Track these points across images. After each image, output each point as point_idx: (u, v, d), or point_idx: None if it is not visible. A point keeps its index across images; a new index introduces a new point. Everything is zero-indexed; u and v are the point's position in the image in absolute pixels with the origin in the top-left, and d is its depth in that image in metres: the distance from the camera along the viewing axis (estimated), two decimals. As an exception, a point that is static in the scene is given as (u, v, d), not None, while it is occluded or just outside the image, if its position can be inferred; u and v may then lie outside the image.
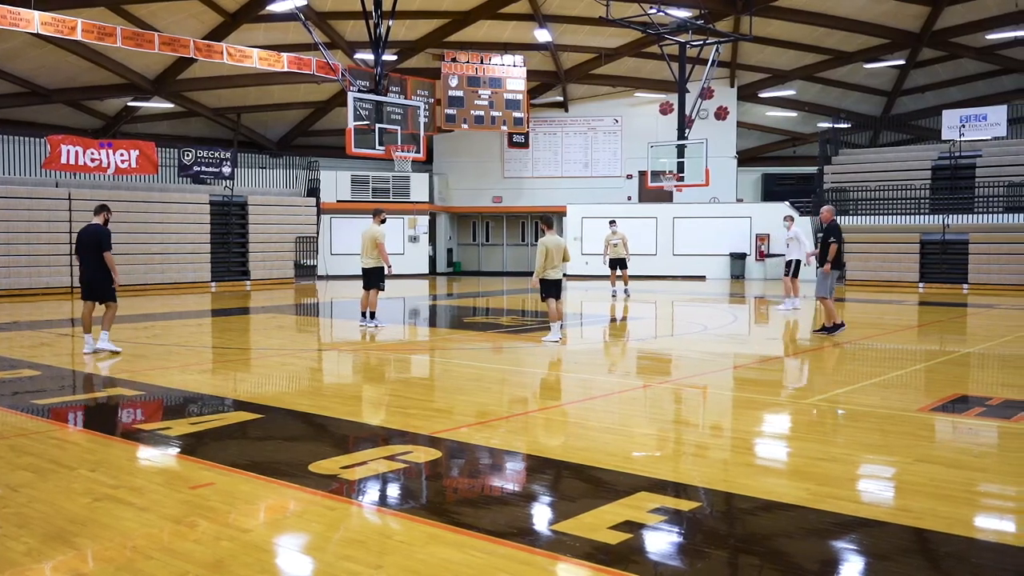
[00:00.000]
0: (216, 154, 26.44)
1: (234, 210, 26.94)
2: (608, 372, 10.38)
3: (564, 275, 12.60)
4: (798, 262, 17.68)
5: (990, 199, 25.77)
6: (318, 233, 29.45)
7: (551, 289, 12.27)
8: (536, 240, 18.34)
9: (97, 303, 11.23)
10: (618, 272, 20.77)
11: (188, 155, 25.71)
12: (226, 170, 26.37)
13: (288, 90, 31.42)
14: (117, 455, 6.09)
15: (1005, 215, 25.07)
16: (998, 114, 27.90)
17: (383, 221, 14.19)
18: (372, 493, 5.21)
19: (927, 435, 6.86)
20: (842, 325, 12.97)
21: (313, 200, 29.69)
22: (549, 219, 12.58)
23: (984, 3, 27.98)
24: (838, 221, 13.77)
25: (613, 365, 11.10)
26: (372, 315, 14.20)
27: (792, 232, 17.70)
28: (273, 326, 15.87)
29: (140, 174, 24.38)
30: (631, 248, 21.11)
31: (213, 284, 25.57)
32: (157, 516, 4.65)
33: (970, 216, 25.37)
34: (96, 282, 11.06)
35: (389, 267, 14.01)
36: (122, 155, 23.60)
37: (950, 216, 25.44)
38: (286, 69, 23.87)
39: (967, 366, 10.59)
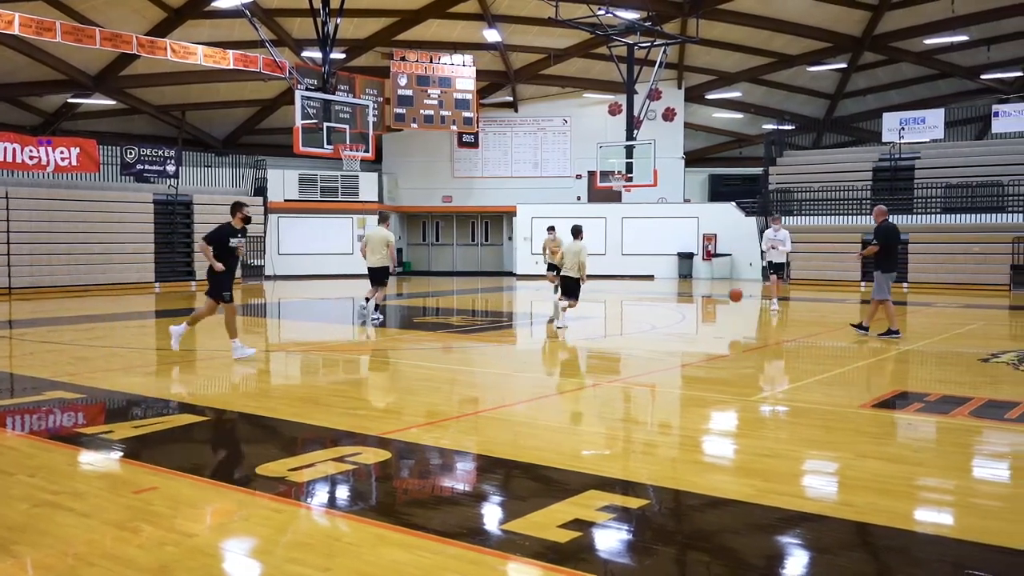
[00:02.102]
0: (160, 152, 25.96)
1: (179, 209, 26.47)
2: (558, 372, 10.42)
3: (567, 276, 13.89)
4: (782, 264, 17.54)
5: (928, 200, 26.45)
6: (265, 233, 29.08)
7: (566, 286, 13.82)
8: (482, 240, 18.22)
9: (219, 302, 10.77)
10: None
11: (131, 153, 25.21)
12: (170, 169, 25.91)
13: (234, 88, 30.98)
14: (57, 460, 5.95)
15: (942, 216, 25.74)
16: (936, 117, 28.67)
17: (388, 223, 15.41)
18: (320, 495, 5.17)
19: (869, 431, 7.01)
20: (896, 332, 12.37)
21: (260, 199, 29.30)
22: (577, 227, 14.26)
23: (922, 9, 28.71)
24: (892, 223, 13.07)
25: (563, 365, 11.14)
26: (376, 307, 15.21)
27: (782, 234, 17.37)
28: (219, 327, 15.60)
29: (81, 172, 23.85)
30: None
31: (157, 285, 25.10)
32: (99, 522, 4.55)
33: (909, 217, 25.99)
34: (208, 279, 10.74)
35: (395, 266, 15.33)
36: (62, 153, 23.05)
37: (891, 217, 25.96)
38: (232, 67, 23.54)
39: (907, 363, 10.85)
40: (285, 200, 30.44)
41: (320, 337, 14.43)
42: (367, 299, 15.21)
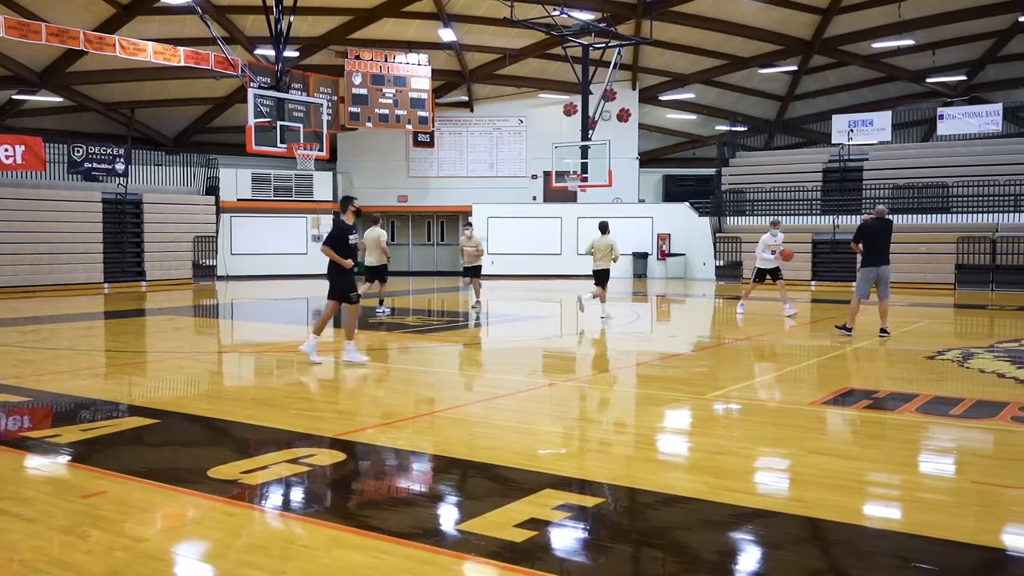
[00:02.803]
0: (109, 150, 25.46)
1: (128, 208, 26.01)
2: (514, 371, 10.44)
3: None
4: (778, 268, 16.65)
5: (876, 201, 26.95)
6: (217, 232, 28.70)
7: (598, 277, 15.70)
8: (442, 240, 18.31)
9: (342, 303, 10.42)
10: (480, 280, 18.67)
11: (79, 151, 24.69)
12: (119, 167, 25.43)
13: (185, 85, 30.49)
14: (2, 465, 5.82)
15: (890, 216, 26.22)
16: (883, 120, 29.24)
17: (381, 224, 16.78)
18: (274, 497, 5.12)
19: (818, 427, 7.14)
20: (848, 329, 12.82)
21: (212, 199, 28.90)
22: (603, 224, 16.19)
23: (870, 13, 29.26)
24: (884, 220, 13.28)
25: (519, 364, 11.16)
26: (381, 301, 16.44)
27: (780, 239, 16.63)
28: (170, 328, 15.41)
29: (26, 170, 23.30)
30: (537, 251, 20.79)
31: (106, 285, 24.63)
32: (46, 527, 4.47)
33: (858, 217, 26.44)
34: (331, 280, 10.38)
35: (388, 259, 16.70)
36: (6, 150, 22.48)
37: (840, 217, 26.50)
38: (183, 64, 23.15)
39: (856, 360, 11.06)
40: (238, 199, 30.06)
41: (274, 338, 14.28)
42: (380, 302, 16.59)
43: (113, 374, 9.88)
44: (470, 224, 18.62)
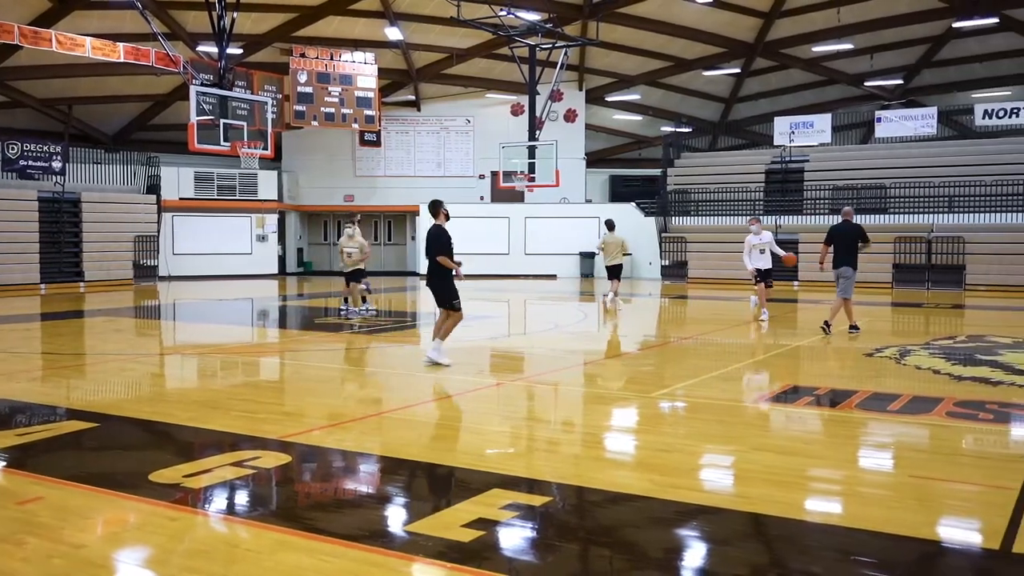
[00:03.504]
0: (45, 148, 24.81)
1: (66, 207, 25.36)
2: (462, 371, 10.41)
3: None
4: (769, 270, 15.56)
5: (817, 201, 27.51)
6: (159, 232, 28.14)
7: (610, 271, 17.80)
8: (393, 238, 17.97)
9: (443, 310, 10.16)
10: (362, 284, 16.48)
11: (13, 148, 24.02)
12: (56, 165, 24.80)
13: (125, 81, 29.85)
14: (-67, 472, 5.64)
15: (830, 217, 26.78)
16: (824, 122, 29.85)
17: (359, 222, 16.52)
18: (218, 501, 5.04)
19: (762, 424, 7.26)
20: (855, 327, 12.99)
21: (153, 198, 28.33)
22: (610, 222, 17.97)
23: (810, 18, 29.84)
24: (849, 223, 13.40)
25: (467, 364, 11.14)
26: (364, 299, 16.18)
27: (766, 237, 15.56)
28: (110, 329, 15.07)
29: (-42, 168, 22.60)
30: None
31: (43, 286, 23.99)
32: (-21, 535, 4.34)
33: (800, 217, 27.00)
34: (436, 288, 10.11)
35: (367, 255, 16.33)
36: (-63, 147, 21.79)
37: (782, 217, 26.98)
38: (122, 60, 22.67)
39: (798, 358, 11.26)
40: (180, 199, 29.54)
41: (218, 339, 14.06)
42: (345, 299, 16.27)
43: (50, 377, 9.63)
44: (353, 221, 16.41)
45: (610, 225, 17.87)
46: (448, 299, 10.01)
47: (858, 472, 5.81)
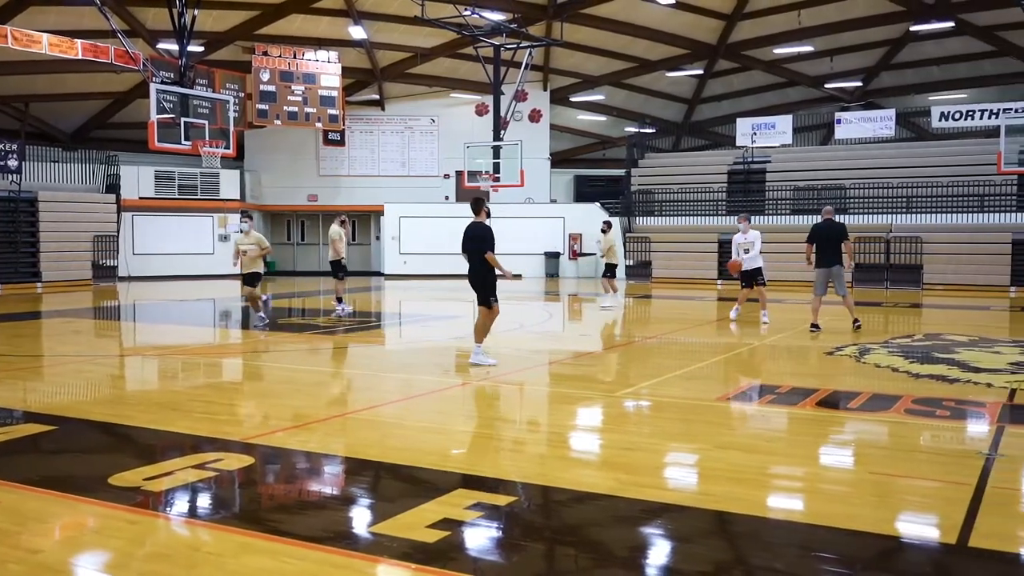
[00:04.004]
0: (0, 146, 24.34)
1: (22, 207, 24.90)
2: (427, 371, 10.39)
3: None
4: (759, 269, 14.95)
5: (779, 202, 27.82)
6: (119, 232, 27.72)
7: (611, 270, 18.33)
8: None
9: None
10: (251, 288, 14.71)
11: (-33, 146, 23.54)
12: (12, 163, 24.32)
13: (84, 79, 29.36)
14: None
15: (792, 217, 27.12)
16: (785, 123, 30.22)
17: (343, 223, 16.57)
18: (180, 504, 4.98)
19: (725, 423, 7.33)
20: (815, 327, 13.23)
21: (113, 197, 27.90)
22: (608, 222, 18.61)
23: (771, 20, 30.19)
24: (832, 221, 13.57)
25: (432, 364, 11.12)
26: (339, 299, 16.41)
27: (751, 236, 14.95)
28: (68, 331, 14.82)
29: (-91, 166, 22.09)
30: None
31: (-2, 287, 23.55)
32: (-67, 542, 4.24)
33: (761, 217, 27.26)
34: (479, 285, 10.03)
35: (339, 257, 16.37)
36: None
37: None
38: (80, 57, 22.31)
39: (760, 357, 11.38)
40: (140, 198, 29.16)
41: (180, 340, 13.88)
42: (339, 299, 16.51)
43: (6, 379, 9.44)
44: (249, 217, 14.76)
45: (608, 226, 18.56)
46: (487, 296, 10.02)
47: (819, 469, 5.89)
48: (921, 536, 4.55)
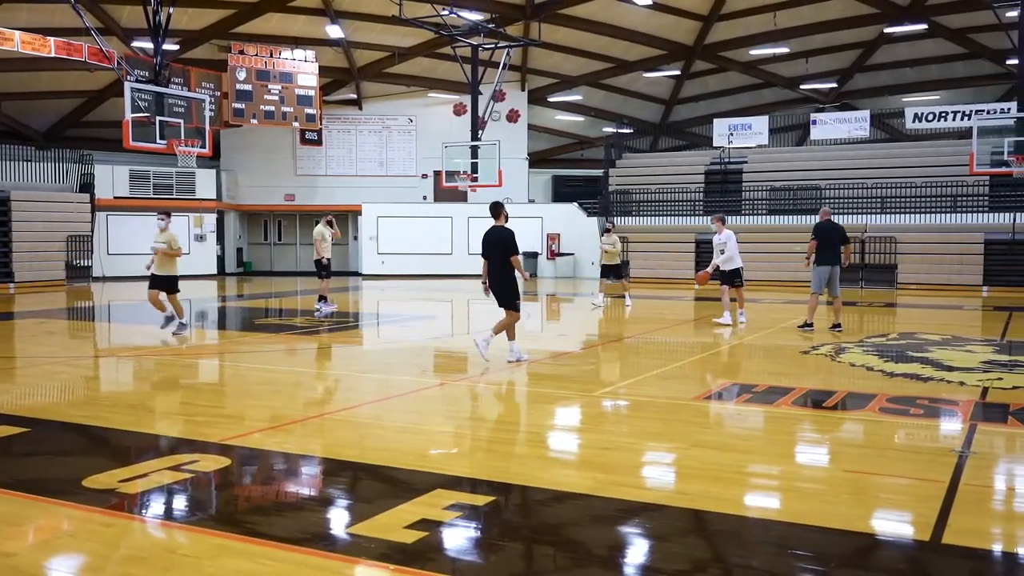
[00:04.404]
0: (-29, 144, 24.03)
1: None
2: (405, 372, 10.37)
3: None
4: (738, 270, 14.68)
5: (755, 202, 28.01)
6: (93, 232, 27.45)
7: (612, 272, 18.54)
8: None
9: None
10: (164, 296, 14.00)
11: (-63, 145, 23.20)
12: (-16, 162, 24.02)
13: (57, 77, 29.05)
14: None
15: (768, 217, 27.32)
16: (761, 124, 30.42)
17: (330, 223, 16.50)
18: (155, 506, 4.94)
19: (702, 422, 7.37)
20: (810, 325, 13.35)
21: (87, 196, 27.63)
22: (612, 222, 18.87)
23: (748, 21, 30.38)
24: (832, 222, 13.61)
25: (410, 364, 11.09)
26: (323, 298, 16.40)
27: (724, 236, 14.57)
28: (41, 332, 14.66)
29: None
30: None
31: (-31, 287, 23.25)
32: (-97, 546, 4.18)
33: (738, 218, 27.44)
34: (502, 290, 10.12)
35: (324, 258, 16.31)
36: None
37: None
38: (53, 54, 22.06)
39: (737, 356, 11.45)
40: (115, 197, 28.88)
41: (155, 341, 13.75)
42: (322, 298, 16.49)
43: (-22, 381, 9.33)
44: (166, 215, 13.60)
45: (611, 226, 19.43)
46: (512, 299, 10.11)
47: (795, 468, 5.93)
48: (895, 533, 4.60)
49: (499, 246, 10.00)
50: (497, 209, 10.30)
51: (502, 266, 10.01)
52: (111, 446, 6.56)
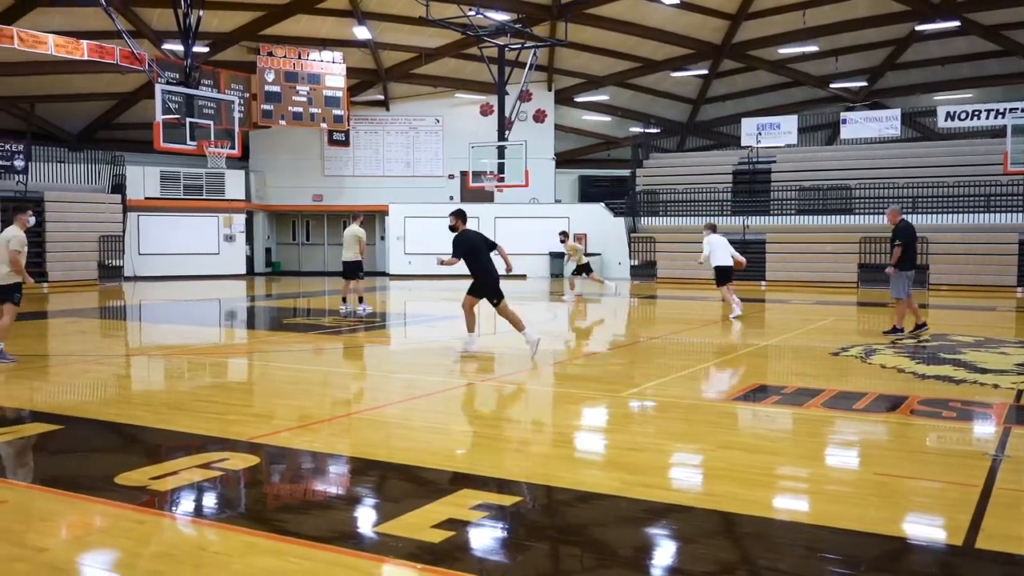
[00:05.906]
0: (7, 146, 24.41)
1: (29, 207, 24.90)
2: (431, 372, 10.40)
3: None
4: (727, 267, 15.35)
5: (784, 202, 27.78)
6: (124, 232, 27.80)
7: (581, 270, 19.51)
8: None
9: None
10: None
11: (-26, 147, 23.61)
12: (19, 164, 24.42)
13: (89, 80, 29.42)
14: None
15: (797, 217, 27.09)
16: (790, 123, 30.15)
17: (362, 223, 16.76)
18: (186, 504, 4.99)
19: (729, 423, 7.32)
20: (923, 326, 13.05)
21: (118, 197, 27.98)
22: (565, 232, 20.30)
23: (776, 20, 30.12)
24: (908, 221, 13.10)
25: (436, 364, 11.12)
26: (360, 299, 16.37)
27: (706, 240, 15.70)
28: (74, 331, 14.86)
29: (-84, 167, 22.16)
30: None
31: (4, 287, 23.57)
32: (-60, 541, 4.26)
33: (767, 218, 27.25)
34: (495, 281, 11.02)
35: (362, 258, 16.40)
36: None
37: (749, 217, 27.21)
38: (86, 57, 22.36)
39: (765, 357, 11.37)
40: (146, 198, 29.20)
41: (185, 340, 13.91)
42: (344, 299, 16.51)
43: (13, 379, 9.46)
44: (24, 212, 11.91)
45: (565, 235, 21.18)
46: (499, 291, 11.11)
47: (824, 470, 5.88)
48: (927, 538, 4.54)
49: (487, 243, 10.88)
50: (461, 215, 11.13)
51: (490, 260, 10.87)
52: (142, 444, 6.64)
